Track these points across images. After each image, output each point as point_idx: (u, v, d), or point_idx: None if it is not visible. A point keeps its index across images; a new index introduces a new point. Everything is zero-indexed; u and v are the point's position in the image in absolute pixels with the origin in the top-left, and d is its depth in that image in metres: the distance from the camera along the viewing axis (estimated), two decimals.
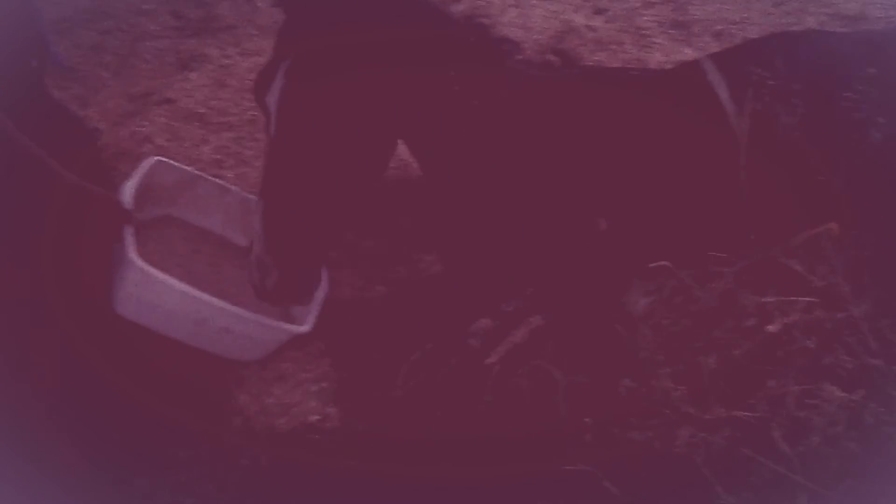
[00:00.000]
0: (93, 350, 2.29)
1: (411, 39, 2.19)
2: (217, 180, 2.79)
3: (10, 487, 2.04)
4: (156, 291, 2.26)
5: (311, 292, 2.28)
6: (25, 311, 2.13)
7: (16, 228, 2.15)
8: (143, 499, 2.29)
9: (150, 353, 2.39)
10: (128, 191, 2.42)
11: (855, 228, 2.09)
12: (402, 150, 2.47)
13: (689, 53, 3.43)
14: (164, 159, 2.70)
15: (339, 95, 2.10)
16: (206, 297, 2.28)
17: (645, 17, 3.74)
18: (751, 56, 2.35)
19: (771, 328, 1.97)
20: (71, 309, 2.27)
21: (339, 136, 2.12)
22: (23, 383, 2.13)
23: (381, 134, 2.26)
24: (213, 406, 2.44)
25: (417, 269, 2.71)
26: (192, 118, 3.32)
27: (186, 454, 2.35)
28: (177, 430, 2.38)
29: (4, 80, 2.26)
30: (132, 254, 2.24)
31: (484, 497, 2.15)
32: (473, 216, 2.52)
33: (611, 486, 1.92)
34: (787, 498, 1.75)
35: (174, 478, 2.32)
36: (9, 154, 2.14)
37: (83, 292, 2.34)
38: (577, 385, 2.16)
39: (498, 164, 2.40)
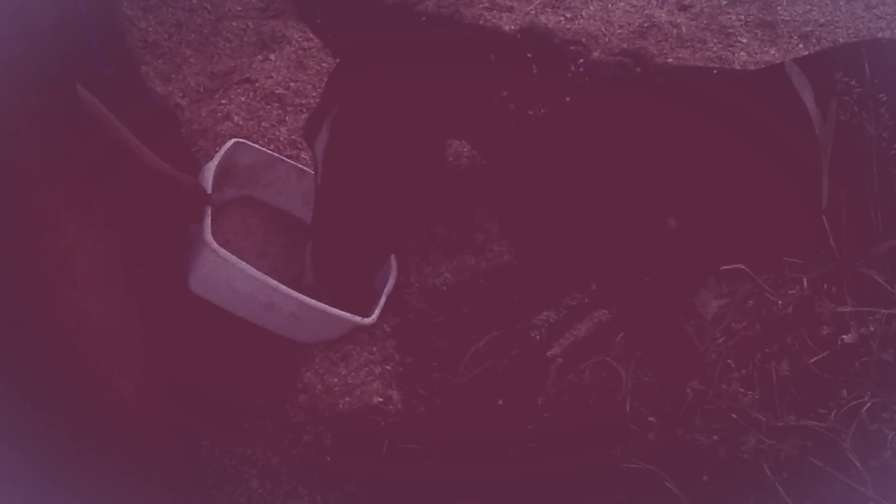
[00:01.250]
0: (166, 323, 2.36)
1: (461, 71, 2.32)
2: (295, 163, 2.83)
3: (78, 447, 2.11)
4: (228, 274, 2.32)
5: (359, 309, 2.46)
6: (103, 286, 2.20)
7: (96, 206, 2.22)
8: (205, 465, 2.35)
9: (222, 328, 2.45)
10: (207, 173, 2.48)
11: None
12: None
13: (774, 54, 3.36)
14: (243, 140, 2.76)
15: (383, 149, 2.27)
16: (275, 283, 2.32)
17: (730, 16, 3.67)
18: (838, 62, 2.31)
19: (847, 338, 1.93)
20: (148, 284, 2.34)
21: (382, 186, 2.31)
22: (95, 355, 2.20)
23: (428, 178, 2.42)
24: (280, 382, 2.48)
25: (486, 259, 2.71)
26: (271, 98, 3.37)
27: (251, 426, 2.41)
28: (243, 403, 2.44)
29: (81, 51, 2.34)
30: (208, 236, 2.30)
31: (542, 489, 2.16)
32: (543, 210, 2.54)
33: (673, 486, 1.91)
34: None
35: (237, 448, 2.37)
36: (95, 134, 2.21)
37: (160, 269, 2.41)
38: (643, 383, 2.16)
39: (567, 162, 2.42)
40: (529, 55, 2.37)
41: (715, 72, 2.82)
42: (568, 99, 2.37)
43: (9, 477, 1.86)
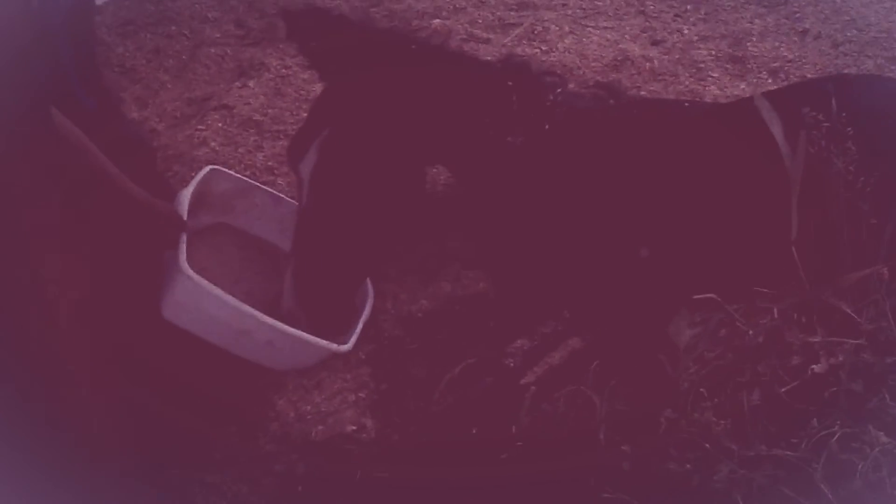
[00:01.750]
0: (138, 349, 2.34)
1: (446, 96, 2.37)
2: (271, 190, 2.83)
3: (48, 471, 2.09)
4: (202, 301, 2.31)
5: (337, 332, 2.48)
6: (76, 311, 2.19)
7: (72, 231, 2.22)
8: (173, 494, 2.32)
9: (194, 354, 2.43)
10: (183, 199, 2.48)
11: None
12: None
13: (744, 89, 3.42)
14: (219, 168, 2.76)
15: (370, 172, 2.29)
16: (250, 310, 2.31)
17: (701, 50, 3.73)
18: (806, 96, 2.35)
19: (817, 368, 1.95)
20: (122, 310, 2.33)
21: (367, 209, 2.33)
22: (68, 378, 2.18)
23: (411, 203, 2.47)
24: (251, 410, 2.46)
25: (461, 286, 2.72)
26: (248, 125, 3.38)
27: (222, 456, 2.38)
28: (214, 430, 2.42)
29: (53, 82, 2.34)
30: (182, 262, 2.29)
31: None
32: (517, 237, 2.55)
33: None
34: None
35: (207, 477, 2.34)
36: (71, 160, 2.21)
37: (134, 296, 2.39)
38: (617, 412, 2.16)
39: (542, 190, 2.44)
40: (510, 83, 2.41)
41: (687, 105, 2.86)
42: (546, 127, 2.40)
43: None
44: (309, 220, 2.37)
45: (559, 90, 2.50)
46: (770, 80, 3.52)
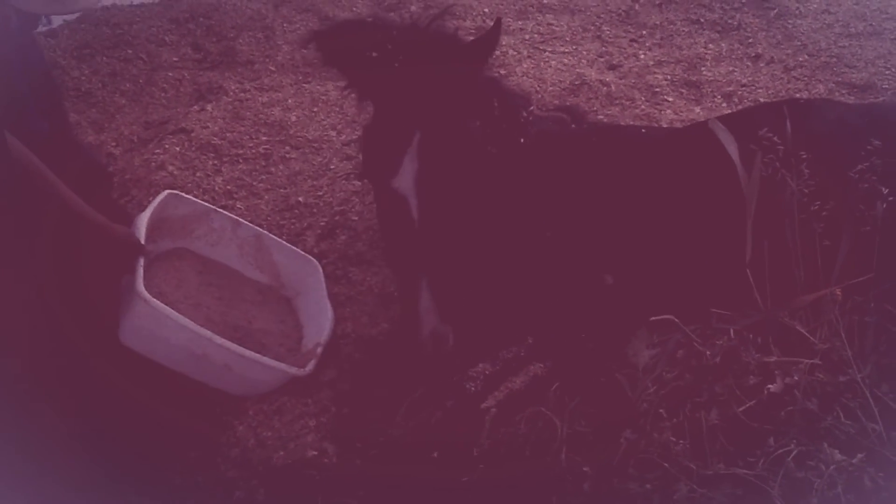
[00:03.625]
0: (98, 377, 2.31)
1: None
2: (230, 214, 2.81)
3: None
4: (160, 325, 2.29)
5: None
6: (35, 338, 2.15)
7: (30, 258, 2.19)
8: None
9: (152, 380, 2.40)
10: (141, 224, 2.46)
11: (858, 294, 2.11)
12: None
13: (699, 112, 3.48)
14: (177, 192, 2.74)
15: (467, 162, 2.24)
16: (208, 334, 2.30)
17: (657, 75, 3.80)
18: (760, 120, 2.39)
19: (773, 387, 1.98)
20: (80, 336, 2.30)
21: (485, 205, 2.29)
22: (24, 405, 2.14)
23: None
24: (211, 435, 2.43)
25: None
26: (206, 149, 3.36)
27: (182, 482, 2.34)
28: (174, 456, 2.39)
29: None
30: (140, 287, 2.27)
31: None
32: (483, 263, 2.55)
33: None
34: None
35: None
36: (27, 185, 2.18)
37: (93, 322, 2.36)
38: (578, 433, 2.17)
39: (508, 214, 2.45)
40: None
41: (644, 130, 2.90)
42: (522, 140, 2.41)
43: None
44: (434, 228, 2.26)
45: (532, 107, 2.52)
46: (724, 104, 3.60)
